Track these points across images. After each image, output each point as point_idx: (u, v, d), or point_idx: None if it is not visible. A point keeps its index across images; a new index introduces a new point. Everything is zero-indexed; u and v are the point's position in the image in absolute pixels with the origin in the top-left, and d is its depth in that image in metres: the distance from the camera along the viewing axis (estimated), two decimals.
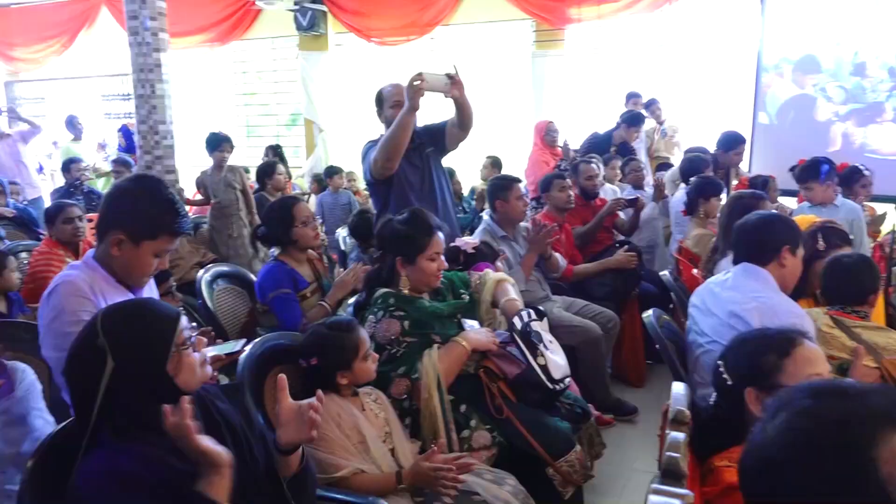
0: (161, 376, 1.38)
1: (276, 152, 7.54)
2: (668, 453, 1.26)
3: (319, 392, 1.56)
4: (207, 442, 1.34)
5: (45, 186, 7.58)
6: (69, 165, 6.48)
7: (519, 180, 3.74)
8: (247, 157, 8.39)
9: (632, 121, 5.91)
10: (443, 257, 2.40)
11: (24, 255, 3.88)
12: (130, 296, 1.88)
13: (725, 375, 1.52)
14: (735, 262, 2.27)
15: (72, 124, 7.60)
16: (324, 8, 7.90)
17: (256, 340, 2.17)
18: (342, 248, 4.55)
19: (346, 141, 8.36)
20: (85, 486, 1.31)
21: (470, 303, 2.52)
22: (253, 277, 3.31)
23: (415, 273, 2.36)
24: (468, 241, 3.18)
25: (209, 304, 3.07)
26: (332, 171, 6.51)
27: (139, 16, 4.68)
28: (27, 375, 1.86)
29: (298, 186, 7.78)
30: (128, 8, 4.70)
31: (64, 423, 1.54)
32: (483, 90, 7.72)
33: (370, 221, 4.11)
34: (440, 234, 2.40)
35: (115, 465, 1.30)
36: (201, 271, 3.23)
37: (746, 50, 6.48)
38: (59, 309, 1.78)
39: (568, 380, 2.32)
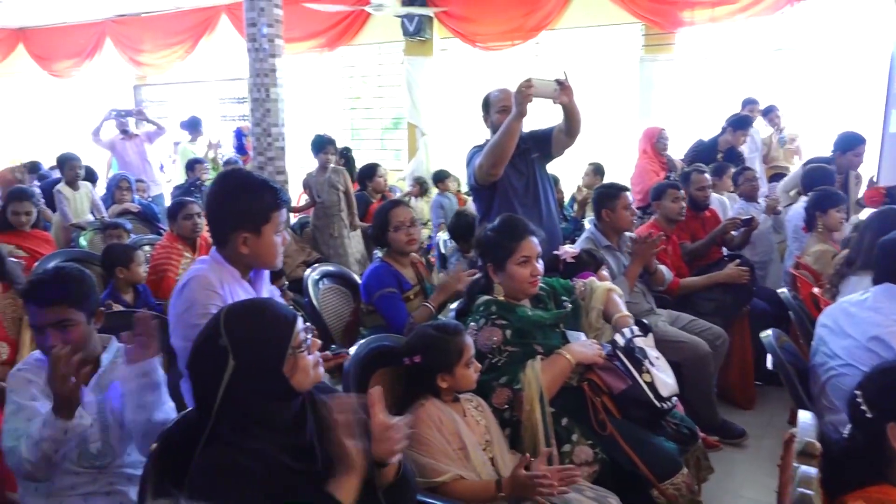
0: (277, 377, 1.42)
1: (343, 154, 7.70)
2: (799, 490, 1.18)
3: (408, 417, 1.54)
4: (355, 444, 1.37)
5: (165, 184, 8.02)
6: (194, 165, 6.85)
7: (627, 189, 3.63)
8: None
9: (738, 124, 5.60)
10: (538, 263, 2.34)
11: (147, 248, 4.13)
12: (253, 292, 1.96)
13: (864, 407, 1.40)
14: (876, 282, 2.11)
15: (193, 125, 8.03)
16: (430, 13, 8.00)
17: (361, 342, 2.21)
18: (442, 251, 4.58)
19: (448, 145, 8.42)
20: (203, 477, 1.36)
21: (573, 311, 2.46)
22: (357, 279, 3.38)
23: (506, 279, 2.33)
24: (568, 251, 3.11)
25: (315, 302, 3.16)
26: (441, 176, 6.58)
27: (257, 23, 4.88)
28: (152, 361, 1.96)
29: (399, 189, 7.91)
30: (247, 16, 4.91)
31: (184, 413, 1.62)
32: (588, 95, 7.59)
33: (468, 222, 4.10)
34: (532, 239, 2.34)
35: (231, 459, 1.35)
36: (308, 270, 3.32)
37: (879, 52, 6.04)
38: (190, 301, 1.88)
39: (675, 399, 2.23)
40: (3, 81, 12.64)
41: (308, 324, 1.50)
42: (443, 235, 4.73)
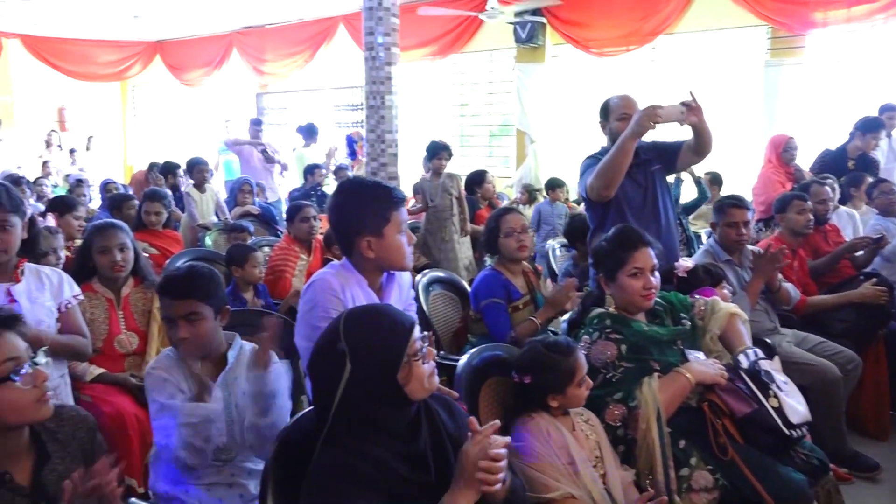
0: (392, 384, 1.43)
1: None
2: None
3: (507, 440, 1.47)
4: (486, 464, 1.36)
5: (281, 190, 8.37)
6: (313, 170, 7.13)
7: (738, 205, 3.40)
8: (459, 165, 8.66)
9: (867, 126, 5.16)
10: (653, 276, 2.25)
11: (266, 248, 4.31)
12: (376, 299, 2.00)
13: None
14: None
15: (309, 132, 8.35)
16: (543, 20, 7.93)
17: (472, 350, 2.20)
18: (552, 261, 4.50)
19: (557, 152, 8.32)
20: (319, 477, 1.39)
21: (691, 329, 2.35)
22: (466, 285, 3.39)
23: (618, 291, 2.26)
24: (681, 265, 2.98)
25: (425, 308, 3.18)
26: (553, 184, 6.50)
27: (375, 32, 4.99)
28: (272, 358, 2.04)
29: (506, 196, 7.89)
30: (365, 25, 5.04)
31: (303, 412, 1.66)
32: (708, 102, 7.25)
33: (583, 224, 4.00)
34: (647, 250, 2.26)
35: (348, 462, 1.37)
36: (419, 276, 3.36)
37: None
38: (313, 303, 1.95)
39: (806, 428, 2.08)
40: (142, 90, 13.68)
41: (425, 333, 1.50)
42: (553, 243, 4.65)
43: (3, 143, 10.82)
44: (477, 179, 6.46)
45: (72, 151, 11.11)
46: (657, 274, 2.29)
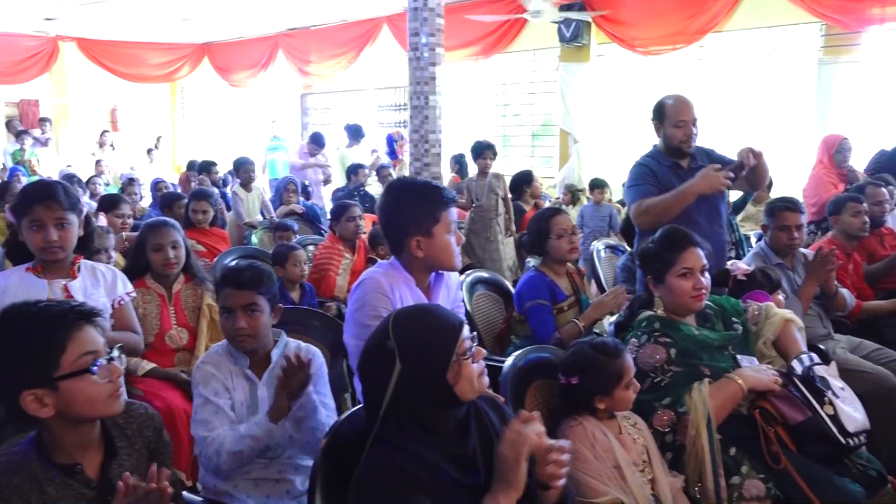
0: (441, 384, 1.43)
1: (456, 161, 7.65)
2: None
3: (564, 443, 1.47)
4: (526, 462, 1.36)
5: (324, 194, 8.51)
6: (356, 170, 7.20)
7: (791, 208, 3.30)
8: (501, 166, 8.62)
9: None
10: (703, 277, 2.20)
11: (311, 247, 4.36)
12: (424, 298, 2.01)
13: None
14: None
15: (355, 133, 8.42)
16: (588, 19, 7.85)
17: (517, 352, 2.19)
18: (596, 263, 4.44)
19: (601, 152, 8.23)
20: (369, 475, 1.40)
21: (743, 334, 2.30)
22: (510, 286, 3.37)
23: (666, 293, 2.22)
24: (740, 267, 2.91)
25: (468, 308, 3.17)
26: (596, 184, 6.43)
27: (419, 33, 5.02)
28: (317, 359, 2.06)
29: (549, 196, 7.83)
30: (410, 26, 5.07)
31: (352, 410, 1.68)
32: (759, 101, 7.11)
33: None
34: (696, 250, 2.22)
35: (397, 462, 1.37)
36: (462, 276, 3.35)
37: None
38: (362, 301, 1.97)
39: (864, 437, 2.01)
40: (191, 91, 13.98)
41: (474, 332, 1.50)
42: (597, 245, 4.59)
43: (59, 142, 11.18)
44: (525, 179, 6.42)
45: (149, 151, 11.56)
46: (707, 274, 2.24)
